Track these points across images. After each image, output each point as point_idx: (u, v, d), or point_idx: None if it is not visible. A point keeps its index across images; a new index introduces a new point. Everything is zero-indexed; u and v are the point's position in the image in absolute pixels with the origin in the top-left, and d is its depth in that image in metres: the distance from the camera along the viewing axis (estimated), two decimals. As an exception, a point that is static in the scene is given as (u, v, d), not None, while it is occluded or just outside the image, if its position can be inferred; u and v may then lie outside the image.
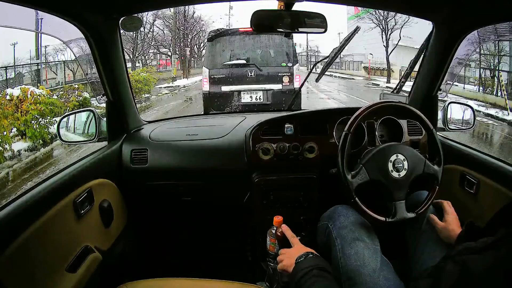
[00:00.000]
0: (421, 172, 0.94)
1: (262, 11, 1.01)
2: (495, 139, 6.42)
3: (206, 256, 1.47)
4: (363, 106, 1.00)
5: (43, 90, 5.75)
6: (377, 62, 20.46)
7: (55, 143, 5.53)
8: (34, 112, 5.23)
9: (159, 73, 15.76)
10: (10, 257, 0.68)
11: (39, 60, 11.44)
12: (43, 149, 5.39)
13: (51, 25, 1.03)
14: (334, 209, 1.01)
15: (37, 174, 4.33)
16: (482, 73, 10.78)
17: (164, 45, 18.74)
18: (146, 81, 10.24)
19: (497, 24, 1.07)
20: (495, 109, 8.40)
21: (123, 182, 1.25)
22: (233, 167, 1.29)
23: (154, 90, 11.71)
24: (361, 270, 0.82)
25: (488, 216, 0.81)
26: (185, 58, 17.94)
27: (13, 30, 8.07)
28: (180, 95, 12.18)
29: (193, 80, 17.16)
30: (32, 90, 5.43)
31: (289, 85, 4.23)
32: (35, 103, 5.26)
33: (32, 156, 5.09)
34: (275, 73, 4.28)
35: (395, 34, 16.25)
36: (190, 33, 18.81)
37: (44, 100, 5.41)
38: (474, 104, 8.88)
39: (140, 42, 16.77)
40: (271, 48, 4.48)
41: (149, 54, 19.63)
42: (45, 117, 5.44)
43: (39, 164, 4.79)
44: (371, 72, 20.71)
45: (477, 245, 0.60)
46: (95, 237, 1.02)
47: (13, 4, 0.76)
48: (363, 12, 19.12)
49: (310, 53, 32.38)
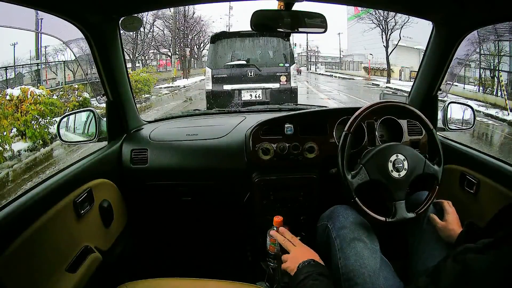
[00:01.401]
0: (421, 172, 0.94)
1: (262, 11, 1.01)
2: (496, 139, 6.42)
3: (206, 256, 1.47)
4: (363, 106, 1.00)
5: (43, 90, 5.75)
6: (377, 63, 20.49)
7: (55, 143, 5.55)
8: (34, 112, 5.22)
9: (159, 73, 15.75)
10: (10, 257, 0.68)
11: (39, 60, 11.45)
12: (43, 149, 5.41)
13: (51, 25, 1.03)
14: (334, 209, 1.01)
15: (37, 174, 4.34)
16: (482, 73, 10.77)
17: (164, 45, 18.78)
18: (146, 82, 10.25)
19: (497, 24, 1.07)
20: (495, 109, 8.40)
21: (123, 182, 1.25)
22: (233, 167, 1.29)
23: (154, 90, 11.74)
24: (361, 271, 0.82)
25: (488, 216, 0.81)
26: (185, 58, 17.94)
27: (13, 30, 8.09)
28: (180, 95, 12.21)
29: (193, 80, 17.43)
30: (32, 90, 5.42)
31: (286, 84, 4.50)
32: (35, 103, 5.26)
33: (32, 156, 5.09)
34: (273, 73, 4.54)
35: (395, 34, 16.30)
36: (190, 33, 18.83)
37: (44, 100, 5.41)
38: (474, 104, 8.84)
39: (140, 42, 16.79)
40: (270, 49, 4.75)
41: (149, 55, 19.65)
42: (45, 117, 5.44)
43: (39, 164, 4.79)
44: (371, 72, 20.77)
45: (477, 246, 0.60)
46: (95, 237, 1.02)
47: (13, 4, 0.76)
48: (363, 12, 19.14)
49: (310, 53, 32.36)
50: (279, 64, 4.62)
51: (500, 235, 0.59)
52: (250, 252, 1.40)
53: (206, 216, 1.45)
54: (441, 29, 1.18)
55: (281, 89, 4.53)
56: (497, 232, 0.61)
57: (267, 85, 4.53)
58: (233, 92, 4.56)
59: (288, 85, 4.53)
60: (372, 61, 20.86)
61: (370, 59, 20.55)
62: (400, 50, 16.96)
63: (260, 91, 4.53)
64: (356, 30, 23.45)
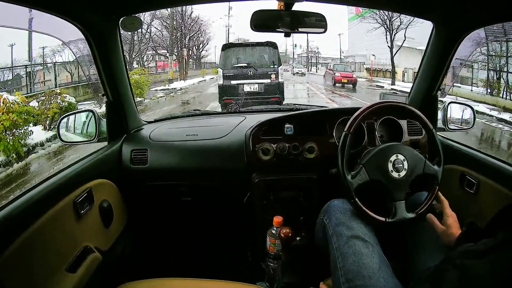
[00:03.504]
0: (421, 172, 0.94)
1: (262, 11, 1.01)
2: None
3: (206, 256, 1.47)
4: (363, 106, 1.00)
5: (17, 97, 5.09)
6: (379, 63, 20.20)
7: (32, 156, 4.99)
8: (6, 122, 4.56)
9: (156, 75, 15.36)
10: (10, 257, 0.68)
11: (28, 62, 10.49)
12: (17, 164, 4.71)
13: (51, 25, 1.03)
14: (330, 203, 0.99)
15: (12, 192, 3.79)
16: (491, 75, 10.37)
17: (163, 46, 18.54)
18: (138, 84, 9.59)
19: (497, 24, 1.07)
20: (507, 113, 7.88)
21: (123, 183, 1.25)
22: (233, 167, 1.29)
23: (149, 93, 11.27)
24: (360, 272, 0.80)
25: (488, 216, 0.81)
26: (183, 59, 17.68)
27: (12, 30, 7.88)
28: (176, 98, 11.77)
29: (191, 82, 16.79)
30: (5, 97, 4.78)
31: (275, 80, 6.47)
32: (7, 112, 4.61)
33: (4, 173, 4.43)
34: (266, 72, 6.43)
35: (399, 35, 15.91)
36: (188, 33, 18.58)
37: (17, 108, 4.76)
38: (485, 107, 8.37)
39: (138, 42, 16.63)
40: (263, 55, 6.69)
41: (147, 55, 19.50)
42: (19, 127, 4.77)
43: (13, 182, 4.22)
44: (374, 74, 20.53)
45: (478, 248, 0.60)
46: (95, 237, 1.02)
47: (13, 4, 0.76)
48: (365, 12, 18.83)
49: (310, 54, 32.09)
50: (270, 66, 6.53)
51: (500, 237, 0.59)
52: (250, 252, 1.39)
53: (206, 216, 1.45)
54: (441, 29, 1.18)
55: (272, 84, 6.43)
56: (497, 232, 0.61)
57: (262, 81, 6.40)
58: (237, 85, 6.40)
59: (276, 81, 6.44)
60: (374, 62, 20.62)
61: (372, 60, 20.09)
62: (402, 51, 16.65)
63: (256, 85, 6.40)
64: (357, 30, 23.13)
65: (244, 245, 1.43)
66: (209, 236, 1.49)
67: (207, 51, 24.84)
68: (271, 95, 6.29)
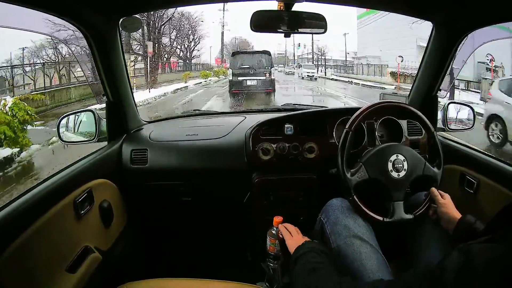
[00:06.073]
0: (420, 174, 0.94)
1: (262, 11, 1.01)
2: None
3: (206, 256, 1.46)
4: (364, 106, 1.00)
5: None
6: (407, 67, 15.86)
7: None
8: None
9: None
10: (10, 257, 0.68)
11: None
12: None
13: (51, 25, 1.03)
14: (329, 202, 0.99)
15: None
16: None
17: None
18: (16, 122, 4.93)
19: (497, 24, 1.07)
20: None
21: (123, 183, 1.25)
22: (233, 167, 1.29)
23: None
24: (360, 272, 0.80)
25: (488, 216, 0.81)
26: (147, 59, 12.86)
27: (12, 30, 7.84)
28: None
29: (161, 91, 11.64)
30: None
31: (269, 77, 9.52)
32: None
33: None
34: (262, 72, 9.57)
35: (421, 33, 12.88)
36: (158, 22, 13.98)
37: None
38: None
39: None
40: (261, 60, 9.72)
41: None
42: None
43: None
44: (400, 79, 16.01)
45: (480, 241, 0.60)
46: (95, 237, 1.02)
47: (13, 4, 0.76)
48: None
49: (317, 55, 30.23)
50: (265, 67, 9.63)
51: (500, 234, 0.59)
52: (250, 252, 1.39)
53: (206, 216, 1.45)
54: (441, 29, 1.18)
55: (266, 80, 9.52)
56: (497, 232, 0.61)
57: (259, 78, 9.53)
58: (242, 80, 9.51)
59: (269, 78, 9.54)
60: (401, 65, 15.55)
61: (399, 62, 15.04)
62: (420, 52, 14.83)
63: (255, 80, 9.51)
64: (372, 28, 20.46)
65: (244, 245, 1.43)
66: (209, 236, 1.49)
67: (199, 51, 21.18)
68: (265, 88, 9.43)
